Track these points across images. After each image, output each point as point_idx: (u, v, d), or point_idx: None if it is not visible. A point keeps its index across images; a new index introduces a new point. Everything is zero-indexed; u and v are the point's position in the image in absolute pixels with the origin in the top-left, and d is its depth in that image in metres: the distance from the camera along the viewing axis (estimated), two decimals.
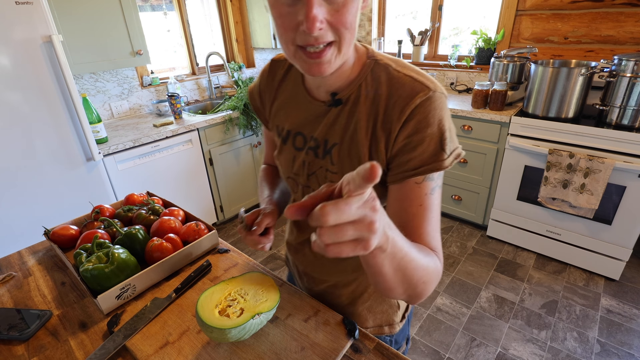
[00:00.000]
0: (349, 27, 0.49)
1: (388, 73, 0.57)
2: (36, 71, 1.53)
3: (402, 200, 0.56)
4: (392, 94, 0.55)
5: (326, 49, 0.50)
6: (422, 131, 0.53)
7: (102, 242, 0.84)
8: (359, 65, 0.59)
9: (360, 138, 0.58)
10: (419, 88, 0.53)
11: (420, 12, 2.99)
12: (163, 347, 0.66)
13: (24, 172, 1.60)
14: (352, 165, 0.60)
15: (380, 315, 0.79)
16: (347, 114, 0.59)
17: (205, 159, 2.42)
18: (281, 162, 0.73)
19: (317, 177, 0.65)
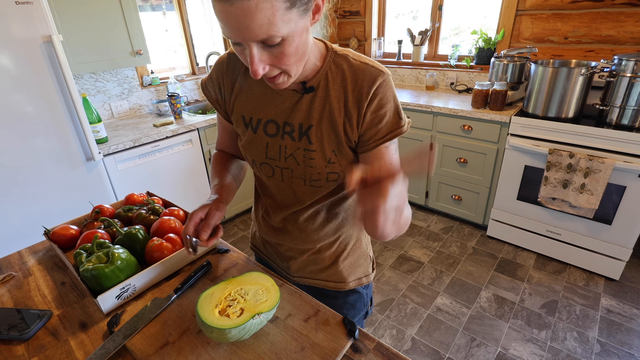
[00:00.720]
0: (291, 63, 0.57)
1: (348, 61, 0.66)
2: (36, 71, 1.53)
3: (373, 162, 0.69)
4: (357, 78, 0.65)
5: (277, 77, 0.59)
6: (384, 107, 0.66)
7: (102, 242, 0.84)
8: (322, 57, 0.67)
9: (335, 117, 0.67)
10: (376, 73, 0.65)
11: (420, 12, 2.99)
12: (163, 347, 0.66)
13: (24, 172, 1.60)
14: (330, 141, 0.69)
15: (359, 268, 0.89)
16: (320, 98, 0.67)
17: (205, 159, 2.42)
18: (251, 150, 0.76)
19: (295, 158, 0.72)
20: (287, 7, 0.50)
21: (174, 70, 2.85)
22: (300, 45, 0.56)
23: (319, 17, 0.57)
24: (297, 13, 0.51)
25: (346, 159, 0.70)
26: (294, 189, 0.76)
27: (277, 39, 0.52)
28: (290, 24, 0.51)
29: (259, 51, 0.54)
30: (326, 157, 0.69)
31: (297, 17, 0.52)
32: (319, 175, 0.71)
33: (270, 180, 0.78)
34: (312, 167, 0.70)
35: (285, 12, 0.50)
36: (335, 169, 0.71)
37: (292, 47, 0.54)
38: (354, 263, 0.88)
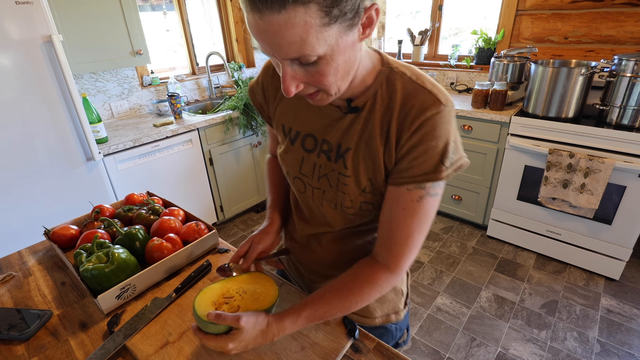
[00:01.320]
0: (330, 83, 0.51)
1: (403, 81, 0.57)
2: (36, 71, 1.53)
3: (391, 201, 0.60)
4: (406, 103, 0.56)
5: (314, 94, 0.54)
6: (426, 143, 0.55)
7: (102, 242, 0.84)
8: (374, 72, 0.59)
9: (375, 144, 0.59)
10: (430, 101, 0.54)
11: (420, 11, 2.99)
12: (163, 347, 0.66)
13: (24, 172, 1.60)
14: (367, 170, 0.61)
15: (388, 303, 0.80)
16: (363, 120, 0.60)
17: (205, 159, 2.42)
18: (287, 161, 0.72)
19: (328, 180, 0.66)
20: (325, 24, 0.43)
21: (174, 70, 2.85)
22: (342, 64, 0.50)
23: (371, 32, 0.50)
24: (338, 29, 0.45)
25: (381, 192, 0.63)
26: (324, 212, 0.71)
27: (312, 57, 0.46)
28: (329, 41, 0.45)
29: (293, 68, 0.49)
30: (361, 185, 0.63)
31: (339, 34, 0.45)
32: (352, 204, 0.65)
33: (302, 196, 0.74)
34: (345, 193, 0.64)
35: (321, 28, 0.43)
36: (369, 199, 0.64)
37: (330, 67, 0.49)
38: (383, 297, 0.79)
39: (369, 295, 0.63)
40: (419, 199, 0.57)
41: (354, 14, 0.45)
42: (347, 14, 0.44)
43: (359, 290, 0.63)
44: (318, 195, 0.69)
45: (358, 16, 0.46)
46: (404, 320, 0.84)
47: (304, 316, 0.62)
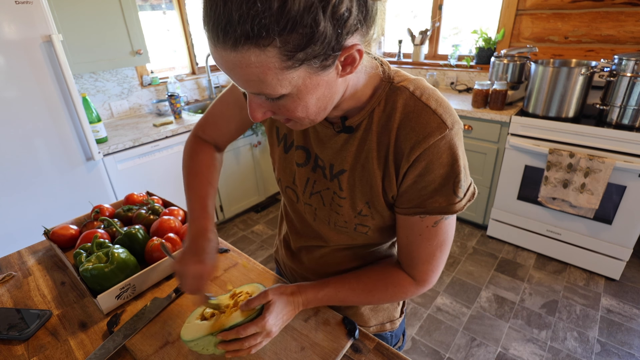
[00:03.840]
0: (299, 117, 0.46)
1: (405, 98, 0.51)
2: (36, 71, 1.53)
3: (405, 228, 0.57)
4: (405, 124, 0.50)
5: (287, 120, 0.50)
6: (433, 172, 0.50)
7: (102, 241, 0.84)
8: (372, 87, 0.53)
9: (372, 167, 0.55)
10: (434, 125, 0.48)
11: (420, 11, 2.99)
12: (163, 347, 0.66)
13: (24, 172, 1.60)
14: (364, 193, 0.57)
15: (382, 312, 0.79)
16: (357, 141, 0.55)
17: None
18: (280, 170, 0.69)
19: (322, 198, 0.63)
20: (287, 67, 0.39)
21: (174, 70, 2.84)
22: (314, 101, 0.45)
23: (354, 69, 0.44)
24: (306, 70, 0.40)
25: (381, 216, 0.59)
26: (317, 228, 0.68)
27: (275, 95, 0.42)
28: (294, 82, 0.41)
29: (259, 98, 0.45)
30: (356, 208, 0.59)
31: (307, 75, 0.41)
32: (346, 224, 0.62)
33: (294, 206, 0.70)
34: (339, 214, 0.61)
35: (282, 71, 0.39)
36: (365, 222, 0.60)
37: (298, 104, 0.44)
38: (377, 307, 0.78)
39: (392, 296, 0.63)
40: (435, 224, 0.54)
41: (326, 56, 0.40)
42: (317, 57, 0.39)
43: (384, 289, 0.62)
44: (310, 211, 0.66)
45: (333, 57, 0.40)
46: (399, 327, 0.84)
47: (325, 292, 0.62)
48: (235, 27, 0.35)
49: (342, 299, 0.64)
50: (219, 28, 0.36)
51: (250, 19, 0.34)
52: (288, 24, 0.35)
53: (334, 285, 0.64)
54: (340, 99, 0.51)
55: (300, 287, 0.64)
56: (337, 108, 0.53)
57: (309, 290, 0.64)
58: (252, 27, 0.35)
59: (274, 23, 0.35)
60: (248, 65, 0.38)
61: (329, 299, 0.64)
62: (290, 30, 0.36)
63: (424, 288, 0.62)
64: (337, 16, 0.37)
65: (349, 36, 0.40)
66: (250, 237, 2.59)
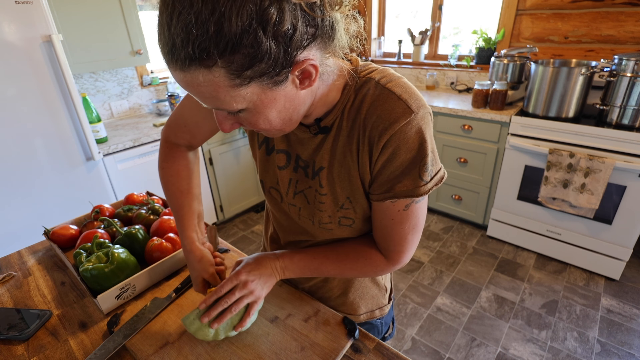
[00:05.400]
0: (264, 129, 0.48)
1: (370, 88, 0.52)
2: (36, 71, 1.53)
3: (379, 213, 0.59)
4: (372, 113, 0.51)
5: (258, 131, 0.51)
6: (400, 157, 0.52)
7: (102, 241, 0.84)
8: (340, 87, 0.54)
9: (347, 161, 0.57)
10: (400, 110, 0.49)
11: (420, 11, 2.99)
12: (163, 347, 0.66)
13: (23, 172, 1.60)
14: (343, 187, 0.59)
15: (371, 300, 0.81)
16: (332, 138, 0.57)
17: (205, 159, 2.42)
18: (263, 172, 0.69)
19: (305, 196, 0.64)
20: (237, 84, 0.40)
21: None
22: (275, 114, 0.46)
23: (313, 83, 0.45)
24: (259, 86, 0.41)
25: (362, 207, 0.61)
26: (302, 225, 0.70)
27: (233, 110, 0.44)
28: (248, 98, 0.42)
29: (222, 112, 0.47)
30: (338, 202, 0.61)
31: (261, 91, 0.42)
32: (330, 219, 0.64)
33: (278, 205, 0.72)
34: (322, 210, 0.63)
35: (233, 88, 0.40)
36: (348, 214, 0.62)
37: (259, 118, 0.46)
38: (365, 294, 0.79)
39: (362, 269, 0.65)
40: (406, 208, 0.56)
41: (276, 73, 0.40)
42: (267, 74, 0.40)
43: (355, 259, 0.65)
44: (294, 211, 0.68)
45: (285, 74, 0.41)
46: (388, 314, 0.86)
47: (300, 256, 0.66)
48: (179, 50, 0.37)
49: (316, 267, 0.66)
50: (167, 50, 0.39)
51: (191, 43, 0.36)
52: (227, 45, 0.36)
53: (311, 252, 0.67)
54: (311, 107, 0.53)
55: (276, 254, 0.67)
56: (310, 115, 0.55)
57: (285, 255, 0.67)
58: (194, 50, 0.37)
59: (213, 46, 0.36)
60: (198, 84, 0.40)
61: (305, 264, 0.66)
62: (232, 51, 0.37)
63: (394, 267, 0.64)
64: (280, 34, 0.38)
65: (299, 51, 0.41)
66: (250, 237, 2.59)
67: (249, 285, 0.62)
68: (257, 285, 0.63)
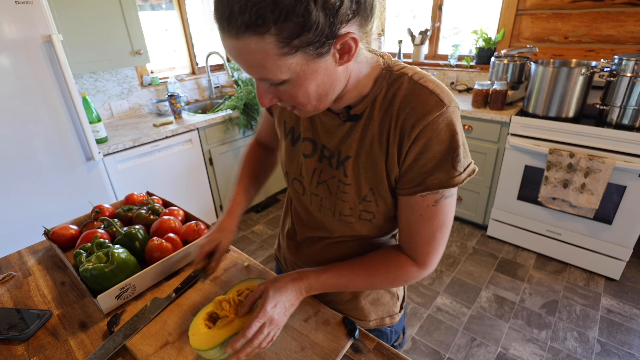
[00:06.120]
0: (300, 103, 0.51)
1: (404, 83, 0.54)
2: (36, 71, 1.53)
3: (407, 209, 0.59)
4: (405, 106, 0.53)
5: (292, 107, 0.54)
6: (433, 149, 0.52)
7: (102, 242, 0.83)
8: (373, 78, 0.56)
9: (375, 152, 0.57)
10: (433, 103, 0.51)
11: (420, 11, 2.99)
12: (163, 347, 0.66)
13: (23, 172, 1.60)
14: (368, 178, 0.60)
15: (382, 307, 0.80)
16: (361, 128, 0.58)
17: (205, 159, 2.42)
18: (287, 162, 0.72)
19: (328, 186, 0.65)
20: (284, 53, 0.43)
21: (174, 70, 2.84)
22: (314, 88, 0.48)
23: (351, 58, 0.47)
24: (303, 57, 0.44)
25: (385, 202, 0.61)
26: (321, 219, 0.70)
27: (277, 81, 0.46)
28: (293, 68, 0.45)
29: (264, 84, 0.50)
30: (362, 194, 0.61)
31: (305, 62, 0.45)
32: (351, 212, 0.64)
33: (300, 199, 0.73)
34: (344, 201, 0.63)
35: (280, 57, 0.43)
36: (370, 207, 0.62)
37: (299, 90, 0.48)
38: (377, 301, 0.79)
39: (394, 280, 0.64)
40: (435, 203, 0.56)
41: (321, 44, 0.43)
42: (312, 45, 0.43)
43: (386, 271, 0.63)
44: (316, 201, 0.68)
45: (328, 45, 0.44)
46: (399, 323, 0.84)
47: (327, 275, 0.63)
48: (236, 17, 0.40)
49: (345, 284, 0.63)
50: (224, 18, 0.42)
51: (249, 9, 0.39)
52: (282, 13, 0.39)
53: (337, 269, 0.64)
54: (344, 90, 0.54)
55: (301, 273, 0.64)
56: (342, 99, 0.56)
57: (311, 275, 0.63)
58: (250, 17, 0.40)
59: (269, 13, 0.39)
60: (249, 52, 0.43)
61: (332, 283, 0.63)
62: (285, 19, 0.40)
63: (426, 271, 0.63)
64: (328, 5, 0.41)
65: (342, 25, 0.44)
66: (250, 237, 2.59)
67: (276, 321, 0.59)
68: (283, 318, 0.60)
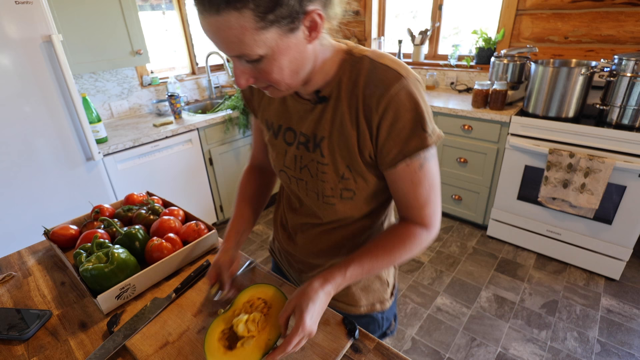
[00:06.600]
0: (277, 80, 0.54)
1: (365, 63, 0.59)
2: (36, 71, 1.53)
3: (396, 181, 0.63)
4: (368, 84, 0.57)
5: (266, 87, 0.57)
6: (402, 118, 0.57)
7: (102, 242, 0.83)
8: (337, 62, 0.60)
9: (347, 129, 0.61)
10: (391, 77, 0.56)
11: (420, 11, 2.99)
12: (163, 347, 0.66)
13: (23, 172, 1.60)
14: (343, 156, 0.63)
15: (373, 293, 0.82)
16: (331, 108, 0.62)
17: (205, 159, 2.42)
18: (272, 155, 0.75)
19: (308, 170, 0.68)
20: (261, 27, 0.46)
21: (174, 70, 2.84)
22: (287, 64, 0.52)
23: (318, 35, 0.52)
24: (277, 32, 0.48)
25: (363, 178, 0.65)
26: (309, 203, 0.74)
27: (253, 56, 0.50)
28: (268, 43, 0.48)
29: (241, 64, 0.53)
30: (339, 172, 0.65)
31: (278, 37, 0.48)
32: (332, 192, 0.67)
33: (289, 188, 0.77)
34: (325, 181, 0.66)
35: (257, 32, 0.47)
36: (349, 185, 0.66)
37: (274, 66, 0.52)
38: (368, 287, 0.81)
39: (410, 249, 0.65)
40: (420, 167, 0.61)
41: (292, 19, 0.48)
42: (284, 19, 0.47)
43: (402, 244, 0.65)
44: (302, 186, 0.72)
45: (297, 21, 0.48)
46: (390, 309, 0.86)
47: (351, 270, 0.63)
48: None
49: (368, 270, 0.64)
50: None
51: None
52: None
53: (357, 259, 0.64)
54: (312, 72, 0.59)
55: (326, 275, 0.63)
56: (310, 83, 0.61)
57: (336, 274, 0.62)
58: None
59: None
60: (230, 27, 0.46)
61: (357, 274, 0.64)
62: None
63: (433, 231, 0.67)
64: None
65: (309, 2, 0.48)
66: (250, 237, 2.60)
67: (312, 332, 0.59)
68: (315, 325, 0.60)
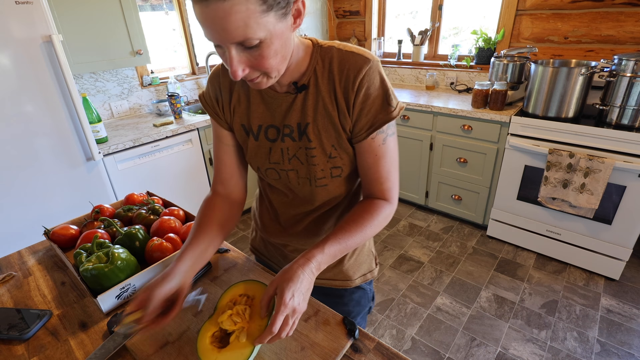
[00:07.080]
0: (271, 65, 0.57)
1: (334, 53, 0.66)
2: (36, 71, 1.53)
3: (363, 154, 0.70)
4: (342, 69, 0.65)
5: (256, 78, 0.60)
6: (372, 95, 0.66)
7: (102, 241, 0.84)
8: (308, 54, 0.67)
9: (329, 112, 0.68)
10: (361, 60, 0.65)
11: (420, 11, 2.99)
12: (163, 347, 0.66)
13: (23, 172, 1.60)
14: (329, 136, 0.69)
15: (363, 265, 0.90)
16: (312, 95, 0.68)
17: (205, 159, 2.42)
18: (255, 158, 0.76)
19: (298, 159, 0.73)
20: (263, 11, 0.50)
21: (174, 70, 2.85)
22: (280, 48, 0.57)
23: (301, 22, 0.58)
24: (274, 16, 0.52)
25: (347, 153, 0.72)
26: (301, 191, 0.77)
27: (255, 41, 0.52)
28: (268, 27, 0.52)
29: (238, 53, 0.55)
30: (326, 152, 0.70)
31: (275, 21, 0.53)
32: (323, 173, 0.72)
33: (278, 183, 0.79)
34: (315, 164, 0.71)
35: (261, 15, 0.50)
36: (337, 163, 0.72)
37: (270, 50, 0.55)
38: (358, 260, 0.89)
39: (378, 224, 0.71)
40: (384, 142, 0.69)
41: (286, 4, 0.53)
42: (280, 4, 0.52)
43: (371, 219, 0.70)
44: (293, 176, 0.75)
45: (289, 6, 0.54)
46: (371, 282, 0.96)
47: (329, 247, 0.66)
48: None
49: (345, 246, 0.68)
50: None
51: None
52: None
53: (334, 237, 0.67)
54: (289, 62, 0.64)
55: (306, 255, 0.63)
56: (286, 74, 0.66)
57: (316, 252, 0.64)
58: None
59: None
60: (237, 11, 0.49)
61: (335, 251, 0.66)
62: None
63: (393, 205, 0.74)
64: None
65: None
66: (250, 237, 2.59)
67: (297, 309, 0.59)
68: (303, 304, 0.60)
